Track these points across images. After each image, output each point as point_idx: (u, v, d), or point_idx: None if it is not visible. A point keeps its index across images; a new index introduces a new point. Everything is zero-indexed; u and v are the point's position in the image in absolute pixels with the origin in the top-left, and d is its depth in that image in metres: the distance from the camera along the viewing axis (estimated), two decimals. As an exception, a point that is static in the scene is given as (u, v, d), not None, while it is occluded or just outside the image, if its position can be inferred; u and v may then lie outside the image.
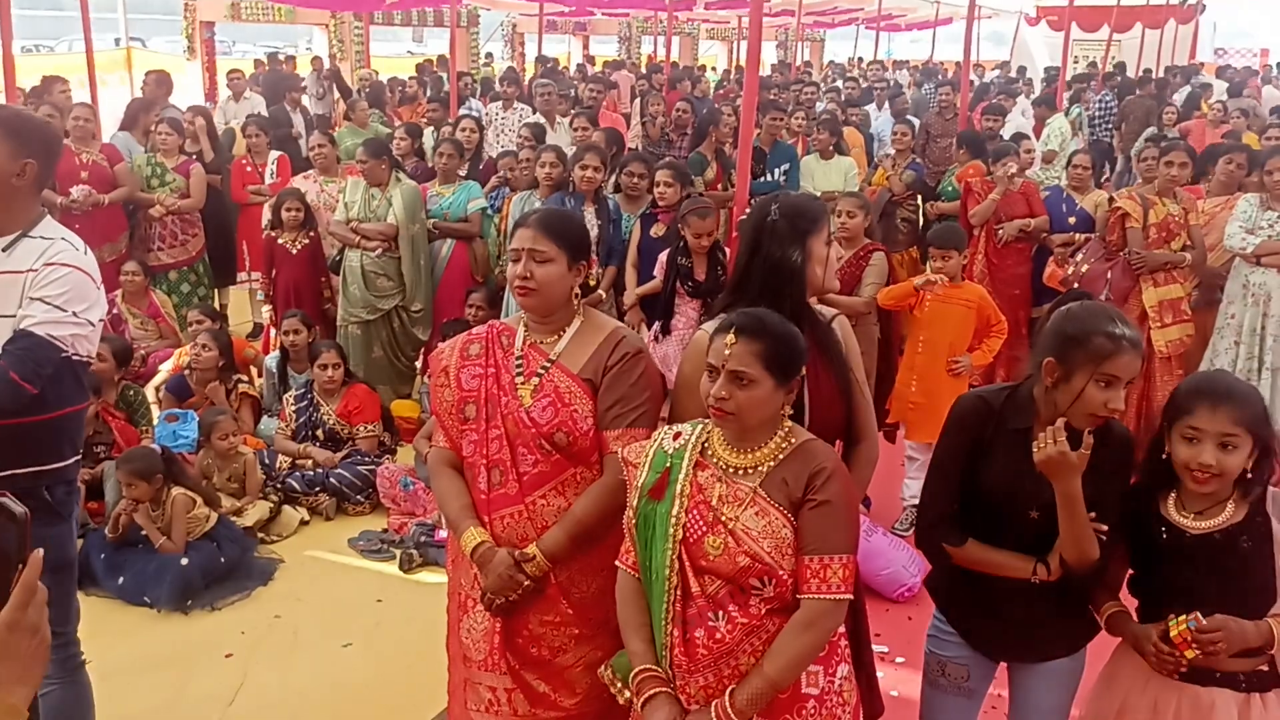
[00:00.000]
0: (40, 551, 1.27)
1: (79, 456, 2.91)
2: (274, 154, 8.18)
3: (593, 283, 2.85)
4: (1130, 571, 2.60)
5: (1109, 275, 5.75)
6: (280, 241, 6.68)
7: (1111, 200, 6.26)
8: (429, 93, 12.06)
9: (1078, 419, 2.42)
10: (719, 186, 7.55)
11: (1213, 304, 6.02)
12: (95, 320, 2.75)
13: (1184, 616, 2.33)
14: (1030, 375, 2.57)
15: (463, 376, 2.72)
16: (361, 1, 12.26)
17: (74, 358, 2.69)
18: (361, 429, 5.68)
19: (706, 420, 2.37)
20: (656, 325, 5.57)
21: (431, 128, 9.34)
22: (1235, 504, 2.40)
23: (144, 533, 4.64)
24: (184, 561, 4.55)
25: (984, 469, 2.54)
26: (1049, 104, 9.10)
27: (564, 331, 2.71)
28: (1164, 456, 2.43)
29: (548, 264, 2.63)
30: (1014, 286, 6.76)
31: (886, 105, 12.09)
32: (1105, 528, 2.42)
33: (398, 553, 4.93)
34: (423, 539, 4.94)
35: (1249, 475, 2.38)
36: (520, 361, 2.70)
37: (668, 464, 2.31)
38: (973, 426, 2.58)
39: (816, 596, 2.20)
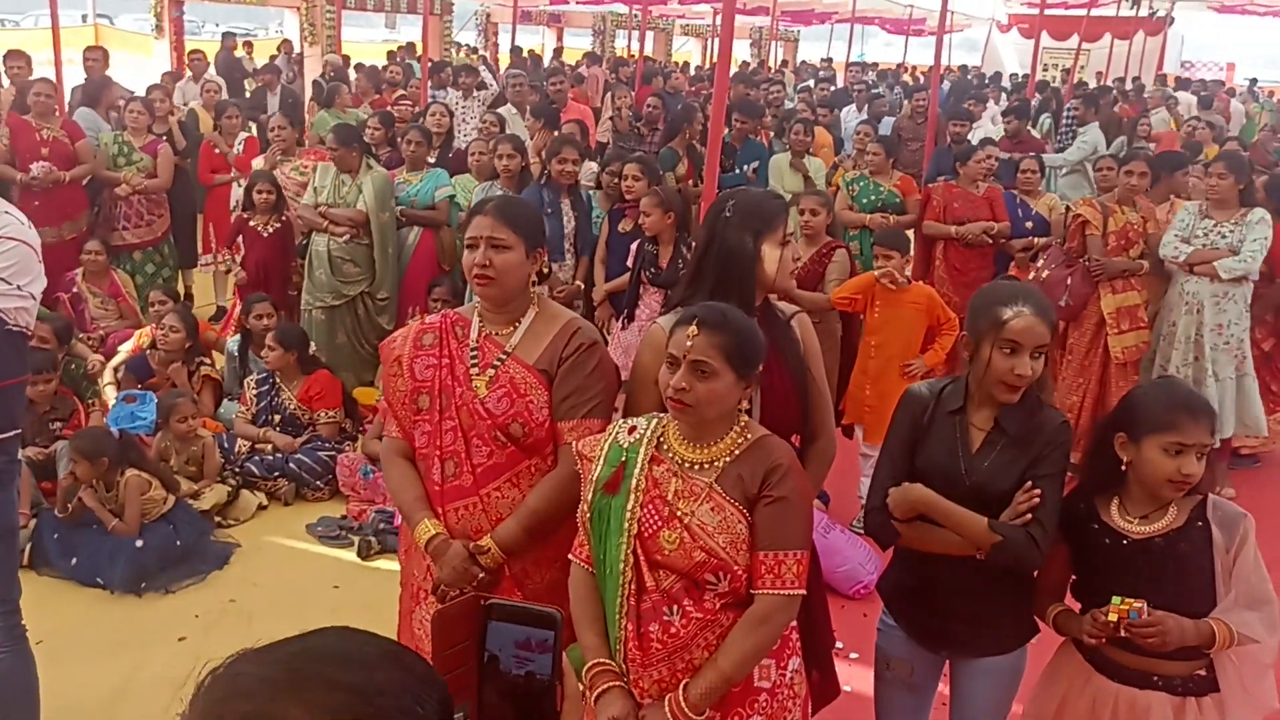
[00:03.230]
0: None
1: (18, 430, 2.88)
2: (242, 135, 8.13)
3: (546, 271, 2.84)
4: (1073, 576, 2.65)
5: (1069, 281, 5.82)
6: (251, 224, 6.64)
7: (1068, 207, 6.35)
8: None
9: (994, 390, 2.54)
10: (690, 182, 7.56)
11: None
12: (37, 294, 2.74)
13: (1131, 600, 2.37)
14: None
15: (416, 366, 2.70)
16: None
17: (13, 329, 2.68)
18: (322, 415, 5.66)
19: (662, 414, 2.38)
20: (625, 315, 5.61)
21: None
22: (1177, 508, 2.46)
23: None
24: (139, 544, 4.52)
25: (921, 450, 2.64)
26: (1021, 114, 9.11)
27: (519, 322, 2.71)
28: (1122, 466, 2.48)
29: (505, 252, 2.63)
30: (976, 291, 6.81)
31: (866, 107, 12.14)
32: (1038, 493, 2.47)
33: (356, 540, 4.93)
34: (381, 526, 4.94)
35: None
36: (475, 352, 2.69)
37: (623, 458, 2.32)
38: (914, 413, 2.68)
39: (770, 592, 2.22)
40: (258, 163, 7.45)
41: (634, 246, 5.60)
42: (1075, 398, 5.88)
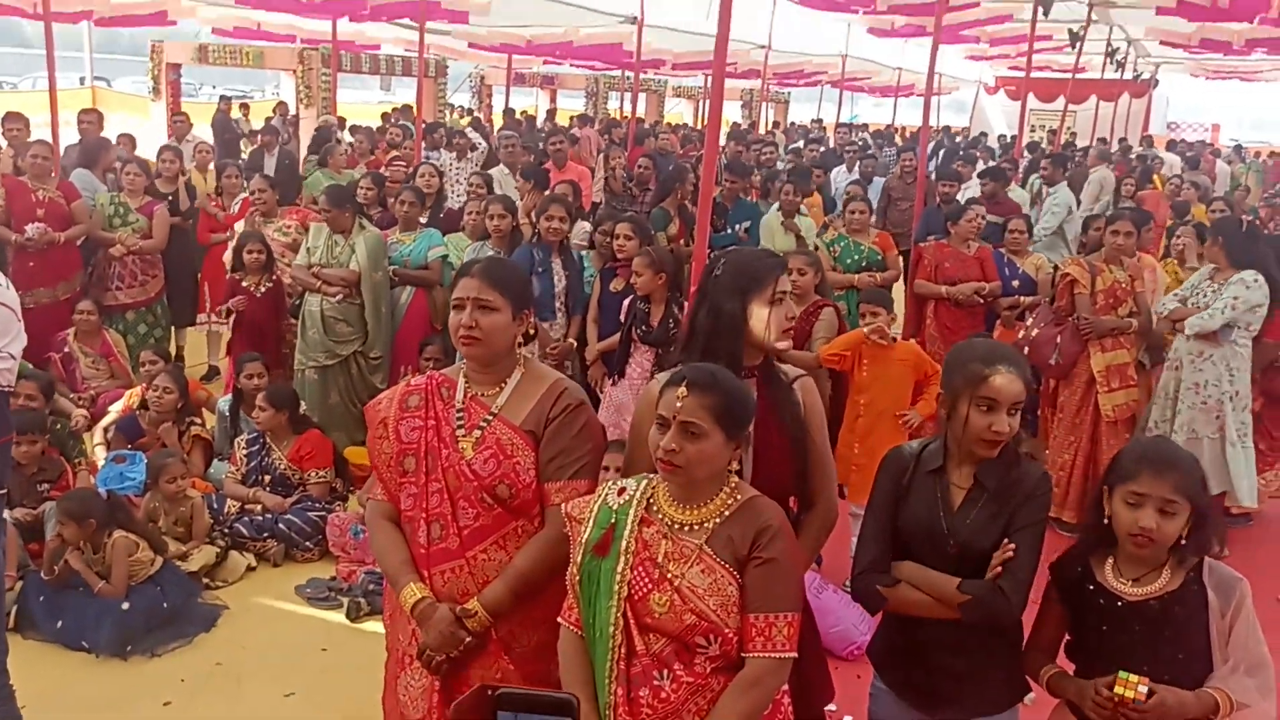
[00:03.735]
0: None
1: (3, 491, 2.87)
2: (240, 196, 8.18)
3: (533, 332, 2.84)
4: (1067, 636, 2.63)
5: (1058, 340, 5.85)
6: (244, 283, 6.67)
7: (1056, 267, 6.40)
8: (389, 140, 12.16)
9: (972, 447, 2.54)
10: (681, 241, 7.62)
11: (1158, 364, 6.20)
12: (16, 353, 2.75)
13: (1135, 677, 2.35)
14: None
15: (401, 429, 2.69)
16: (327, 9, 12.17)
17: None
18: (313, 474, 5.63)
19: (652, 475, 2.38)
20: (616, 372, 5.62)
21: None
22: (1171, 571, 2.45)
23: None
24: (125, 606, 4.46)
25: (903, 511, 2.63)
26: (997, 176, 9.14)
27: (505, 382, 2.70)
28: (1105, 521, 2.48)
29: (492, 313, 2.63)
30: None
31: (857, 166, 12.23)
32: (1013, 546, 2.47)
33: (345, 601, 4.88)
34: (371, 587, 4.89)
35: (1184, 543, 2.42)
36: (461, 414, 2.68)
37: (612, 519, 2.31)
38: (895, 474, 2.68)
39: (761, 655, 2.21)
40: (239, 226, 7.50)
41: (626, 302, 5.62)
42: (1067, 456, 5.88)
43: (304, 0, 11.15)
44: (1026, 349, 6.02)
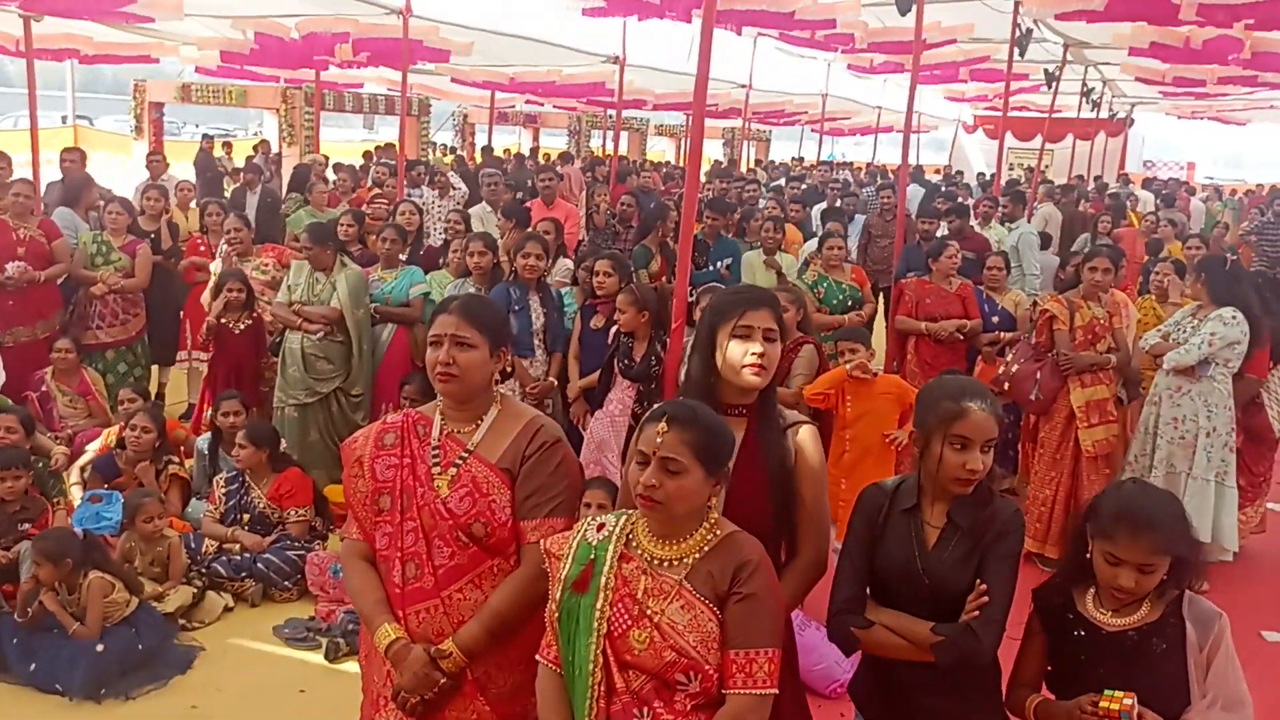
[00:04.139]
0: None
1: None
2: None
3: (509, 370, 2.84)
4: (1049, 668, 2.63)
5: (1038, 375, 5.89)
6: (223, 321, 6.65)
7: (1035, 303, 6.46)
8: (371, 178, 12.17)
9: (947, 485, 2.54)
10: (663, 279, 7.64)
11: (1135, 400, 6.24)
12: None
13: (1120, 693, 2.35)
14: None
15: (377, 467, 2.68)
16: (310, 62, 12.27)
17: None
18: (292, 513, 5.59)
19: (631, 511, 2.38)
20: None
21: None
22: (1151, 604, 2.46)
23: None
24: (99, 648, 4.40)
25: (879, 551, 2.62)
26: (960, 213, 9.20)
27: (482, 420, 2.70)
28: (1087, 555, 2.49)
29: (469, 350, 2.63)
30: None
31: (839, 204, 12.28)
32: (985, 587, 2.47)
33: (324, 641, 4.83)
34: (350, 627, 4.84)
35: (1164, 578, 2.43)
36: (437, 451, 2.67)
37: (592, 556, 2.31)
38: (870, 513, 2.67)
39: (742, 691, 2.19)
40: (215, 265, 7.49)
41: (613, 333, 5.63)
42: (1049, 491, 5.90)
43: (288, 42, 11.18)
44: (1007, 385, 6.07)
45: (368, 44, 11.25)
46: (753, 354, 2.63)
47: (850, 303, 7.05)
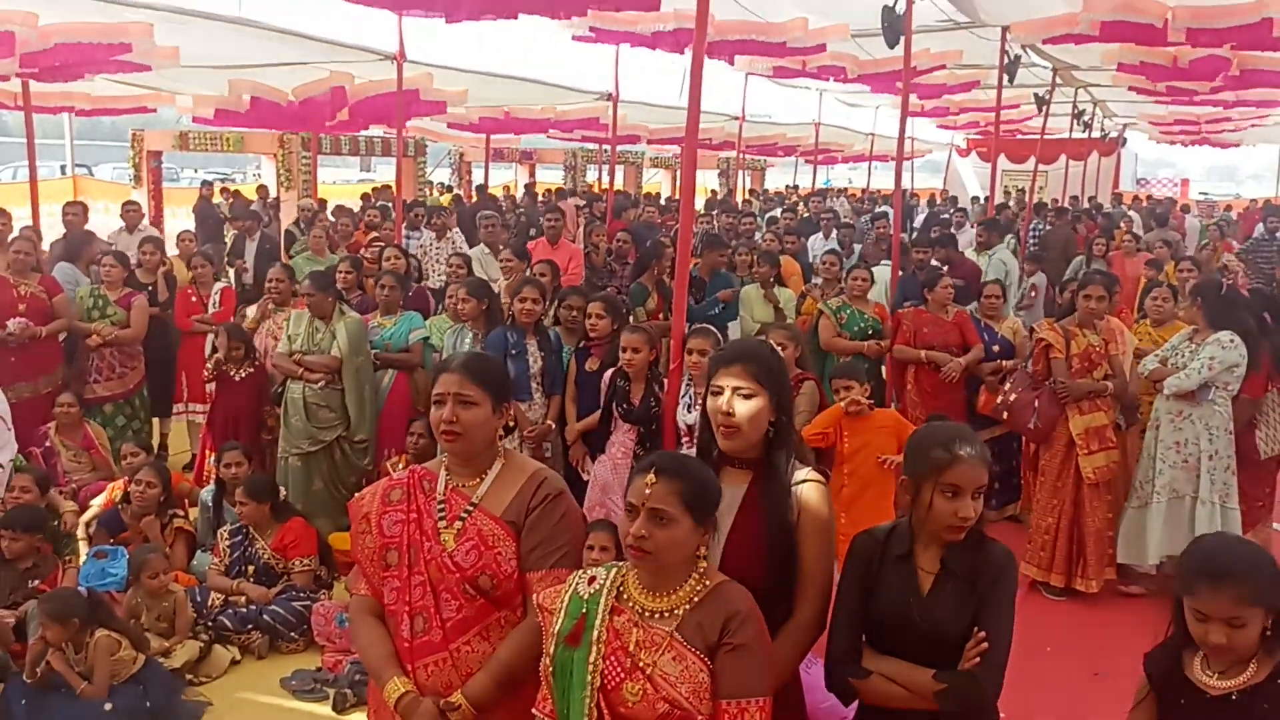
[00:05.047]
0: None
1: None
2: (218, 285, 8.22)
3: (513, 425, 2.87)
4: None
5: (1036, 404, 5.91)
6: (224, 368, 6.71)
7: (1032, 330, 6.48)
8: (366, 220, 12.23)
9: (938, 532, 2.54)
10: (660, 316, 7.68)
11: (1133, 425, 6.25)
12: (5, 462, 2.76)
13: None
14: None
15: (384, 522, 2.71)
16: (305, 124, 12.37)
17: None
18: (297, 563, 5.60)
19: (621, 563, 2.42)
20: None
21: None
22: (1258, 663, 2.37)
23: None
24: (107, 707, 4.40)
25: (874, 598, 2.62)
26: (945, 242, 9.27)
27: (486, 474, 2.73)
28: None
29: (472, 407, 2.67)
30: (949, 414, 6.85)
31: (834, 234, 12.36)
32: (983, 635, 2.47)
33: (331, 693, 4.83)
34: (358, 677, 4.84)
35: (1269, 633, 2.35)
36: (443, 505, 2.70)
37: (584, 609, 2.34)
38: (863, 560, 2.66)
39: None
40: (252, 310, 7.51)
41: (606, 376, 5.64)
42: (1051, 519, 5.90)
43: (283, 106, 11.23)
44: (1006, 413, 6.09)
45: (364, 105, 11.28)
46: (721, 413, 2.63)
47: (871, 332, 7.12)
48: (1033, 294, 10.02)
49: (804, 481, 2.67)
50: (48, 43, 8.08)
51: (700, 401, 2.79)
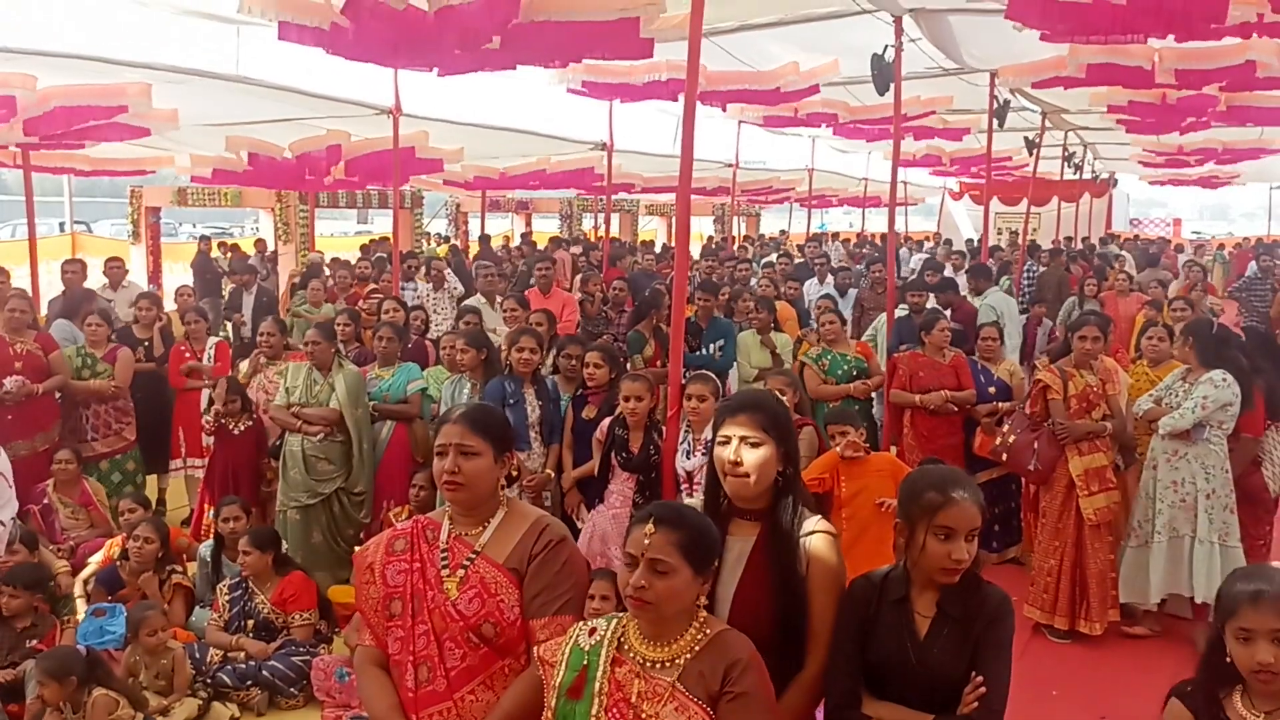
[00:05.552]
0: None
1: None
2: (212, 340, 8.23)
3: (515, 474, 2.88)
4: None
5: (1035, 445, 5.91)
6: (223, 421, 6.71)
7: (1034, 368, 6.50)
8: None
9: (933, 574, 2.55)
10: (657, 363, 7.70)
11: (1131, 465, 6.24)
12: (7, 520, 2.76)
13: None
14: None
15: (388, 572, 2.71)
16: (303, 182, 12.50)
17: None
18: (297, 617, 5.57)
19: (621, 614, 2.41)
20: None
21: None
22: None
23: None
24: (106, 767, 4.37)
25: (870, 643, 2.61)
26: (946, 288, 9.32)
27: (489, 522, 2.74)
28: (1227, 660, 2.41)
29: (474, 458, 2.69)
30: (946, 457, 6.84)
31: (830, 279, 12.42)
32: (981, 680, 2.46)
33: (331, 749, 4.78)
34: (358, 733, 4.80)
35: None
36: (446, 554, 2.70)
37: (584, 661, 2.33)
38: (859, 604, 2.66)
39: None
40: (244, 366, 7.53)
41: (604, 425, 5.63)
42: (1053, 561, 5.88)
43: (280, 162, 11.33)
44: (1005, 456, 6.08)
45: (360, 163, 11.38)
46: (729, 463, 2.67)
47: (856, 373, 7.12)
48: (1054, 335, 10.04)
49: (813, 533, 2.69)
50: (47, 105, 8.16)
51: (699, 448, 2.82)
